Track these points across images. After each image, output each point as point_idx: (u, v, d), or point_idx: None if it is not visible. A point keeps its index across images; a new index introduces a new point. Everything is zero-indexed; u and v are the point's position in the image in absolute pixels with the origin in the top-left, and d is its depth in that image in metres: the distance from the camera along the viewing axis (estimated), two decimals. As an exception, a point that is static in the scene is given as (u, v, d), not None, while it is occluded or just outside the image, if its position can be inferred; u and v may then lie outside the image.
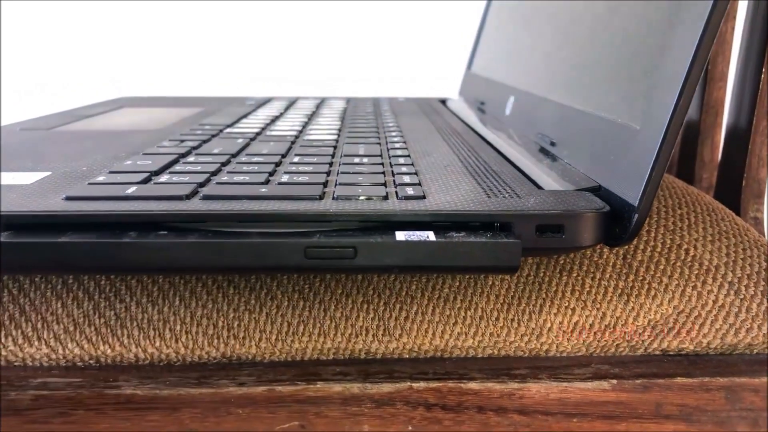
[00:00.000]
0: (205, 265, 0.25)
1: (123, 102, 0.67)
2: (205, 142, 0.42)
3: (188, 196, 0.28)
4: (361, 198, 0.28)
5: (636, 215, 0.26)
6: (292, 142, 0.42)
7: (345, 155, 0.38)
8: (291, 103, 0.68)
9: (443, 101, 0.72)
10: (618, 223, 0.27)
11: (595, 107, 0.33)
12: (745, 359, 0.30)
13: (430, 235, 0.25)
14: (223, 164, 0.35)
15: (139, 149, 0.39)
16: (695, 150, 0.48)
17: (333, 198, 0.28)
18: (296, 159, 0.36)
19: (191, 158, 0.36)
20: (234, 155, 0.38)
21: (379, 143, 0.42)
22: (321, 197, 0.28)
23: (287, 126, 0.50)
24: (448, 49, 0.90)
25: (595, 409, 0.28)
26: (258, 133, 0.46)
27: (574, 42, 0.40)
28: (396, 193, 0.29)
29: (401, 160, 0.36)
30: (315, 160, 0.36)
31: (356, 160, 0.36)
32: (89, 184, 0.30)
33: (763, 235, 0.41)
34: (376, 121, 0.53)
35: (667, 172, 0.30)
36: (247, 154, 0.38)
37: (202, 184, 0.30)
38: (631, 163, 0.27)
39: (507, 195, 0.29)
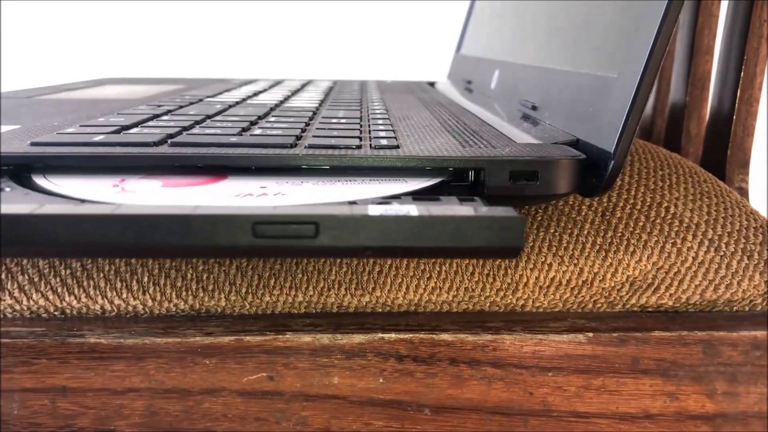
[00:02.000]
0: (111, 244, 0.20)
1: (106, 81, 0.66)
2: (182, 107, 0.42)
3: (156, 143, 0.28)
4: (334, 145, 0.28)
5: (612, 162, 0.26)
6: (272, 108, 0.42)
7: (323, 117, 0.37)
8: (276, 82, 0.67)
9: (432, 83, 0.72)
10: (594, 173, 0.26)
11: (573, 65, 0.33)
12: (724, 315, 0.29)
13: (412, 209, 0.20)
14: (198, 122, 0.34)
15: (115, 111, 0.38)
16: (681, 125, 0.47)
17: (306, 147, 0.28)
18: (273, 119, 0.36)
19: (166, 117, 0.36)
20: (210, 116, 0.37)
21: (360, 110, 0.41)
22: (293, 146, 0.28)
23: (269, 97, 0.49)
24: (438, 36, 0.89)
25: (571, 363, 0.27)
26: (238, 102, 0.46)
27: (553, 7, 0.39)
28: (370, 144, 0.29)
29: (380, 122, 0.36)
30: (292, 120, 0.35)
31: (334, 121, 0.36)
32: (58, 133, 0.30)
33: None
34: (361, 95, 0.53)
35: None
36: (224, 115, 0.37)
37: (172, 135, 0.30)
38: (608, 112, 0.27)
39: (482, 146, 0.28)
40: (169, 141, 0.28)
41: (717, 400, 0.28)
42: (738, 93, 0.41)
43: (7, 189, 0.24)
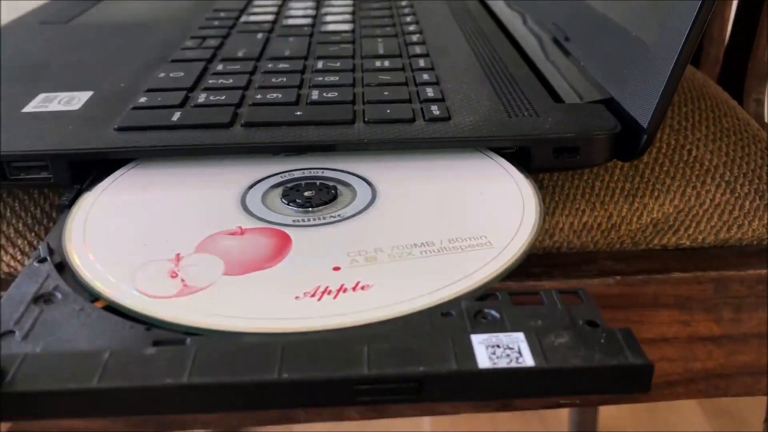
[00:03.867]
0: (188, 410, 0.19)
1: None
2: (224, 38, 0.43)
3: (229, 124, 0.30)
4: (389, 119, 0.30)
5: (645, 136, 0.28)
6: (311, 36, 0.43)
7: (365, 56, 0.39)
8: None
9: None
10: (628, 141, 0.29)
11: (611, 11, 0.34)
12: (734, 252, 0.33)
13: (526, 356, 0.18)
14: (251, 73, 0.37)
15: (165, 52, 0.40)
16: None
17: (364, 121, 0.30)
18: (320, 65, 0.38)
19: (219, 67, 0.38)
20: (257, 59, 0.39)
21: (396, 36, 0.43)
22: (353, 121, 0.30)
23: (300, 13, 0.50)
24: None
25: (600, 301, 0.32)
26: (273, 23, 0.47)
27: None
28: (422, 111, 0.31)
29: (421, 62, 0.38)
30: (338, 64, 0.37)
31: (377, 63, 0.38)
32: (133, 108, 0.32)
33: (763, 119, 0.44)
34: (390, 7, 0.53)
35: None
36: (270, 59, 0.39)
37: (238, 105, 0.32)
38: (643, 83, 0.29)
39: (526, 113, 0.31)
40: (238, 115, 0.31)
41: (723, 325, 0.33)
42: (764, 4, 0.42)
43: (58, 296, 0.21)
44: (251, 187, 0.28)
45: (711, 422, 0.80)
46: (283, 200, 0.27)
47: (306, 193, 0.27)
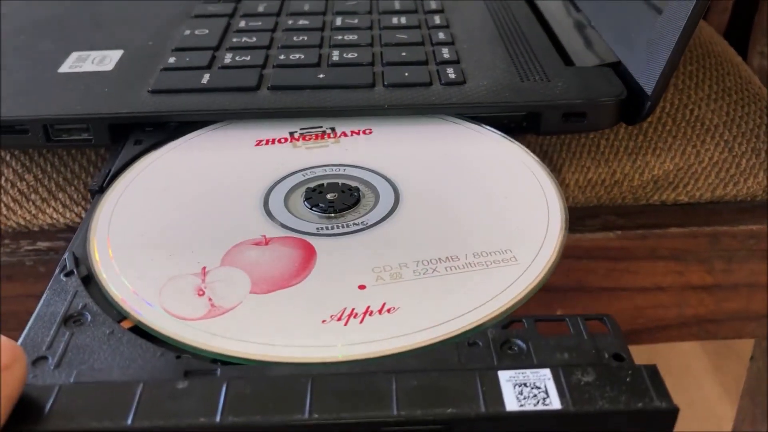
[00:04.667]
0: None
1: None
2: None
3: (256, 87, 0.32)
4: (407, 83, 0.32)
5: (649, 103, 0.30)
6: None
7: (382, 12, 0.40)
8: None
9: None
10: (633, 106, 0.31)
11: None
12: (729, 208, 0.35)
13: (554, 400, 0.18)
14: (272, 30, 0.38)
15: (186, 5, 0.41)
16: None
17: (384, 85, 0.32)
18: (339, 22, 0.39)
19: (242, 23, 0.39)
20: (278, 14, 0.40)
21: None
22: (373, 84, 0.32)
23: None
24: None
25: (601, 253, 0.34)
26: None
27: None
28: (438, 73, 0.33)
29: (437, 19, 0.39)
30: (356, 21, 0.39)
31: (394, 20, 0.39)
32: (163, 70, 0.34)
33: (766, 73, 0.45)
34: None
35: None
36: (290, 14, 0.40)
37: (262, 66, 0.34)
38: (650, 50, 0.31)
39: (537, 76, 0.33)
40: (264, 77, 0.33)
41: (715, 275, 0.35)
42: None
43: (87, 316, 0.22)
44: (273, 187, 0.28)
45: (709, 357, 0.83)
46: (306, 204, 0.27)
47: (329, 196, 0.27)
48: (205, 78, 0.33)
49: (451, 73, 0.33)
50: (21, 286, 0.34)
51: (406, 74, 0.33)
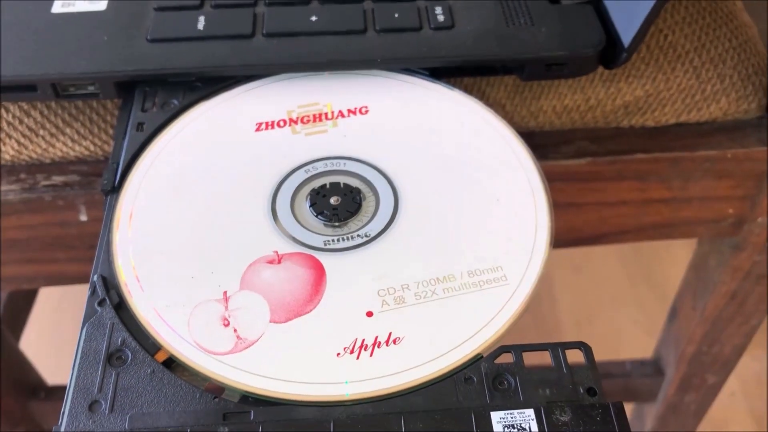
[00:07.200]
0: None
1: None
2: None
3: (251, 35, 0.33)
4: (398, 27, 0.33)
5: (624, 54, 0.32)
6: None
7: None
8: None
9: None
10: (610, 53, 0.33)
11: None
12: (691, 131, 0.39)
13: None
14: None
15: None
16: None
17: (375, 30, 0.33)
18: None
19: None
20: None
21: None
22: (365, 29, 0.33)
23: None
24: None
25: (573, 176, 0.38)
26: None
27: None
28: (427, 17, 0.34)
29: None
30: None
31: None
32: (157, 9, 0.34)
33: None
34: None
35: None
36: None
37: (254, 4, 0.35)
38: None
39: (523, 20, 0.34)
40: (261, 32, 0.34)
41: (673, 191, 0.39)
42: None
43: (128, 353, 0.24)
44: (278, 188, 0.29)
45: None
46: (312, 210, 0.28)
47: (332, 200, 0.29)
48: (201, 23, 0.33)
49: (440, 15, 0.34)
50: (43, 216, 0.37)
51: (396, 15, 0.34)
